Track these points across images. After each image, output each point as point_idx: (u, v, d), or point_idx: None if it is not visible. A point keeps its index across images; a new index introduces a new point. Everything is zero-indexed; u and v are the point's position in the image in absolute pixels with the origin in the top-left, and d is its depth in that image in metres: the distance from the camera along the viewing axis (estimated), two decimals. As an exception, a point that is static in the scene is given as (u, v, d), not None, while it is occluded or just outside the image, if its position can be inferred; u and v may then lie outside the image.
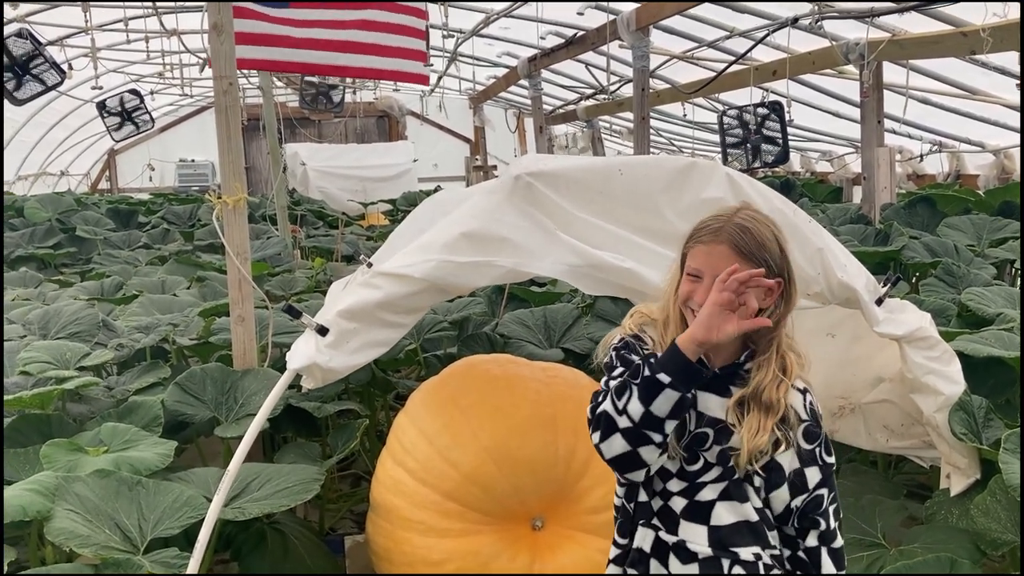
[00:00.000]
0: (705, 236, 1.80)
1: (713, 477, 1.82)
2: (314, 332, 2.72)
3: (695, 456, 1.83)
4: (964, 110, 8.05)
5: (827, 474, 1.83)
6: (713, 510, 1.82)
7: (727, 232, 1.78)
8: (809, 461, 1.81)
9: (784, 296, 1.81)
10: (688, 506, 1.83)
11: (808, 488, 1.81)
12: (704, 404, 1.82)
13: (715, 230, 1.79)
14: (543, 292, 5.27)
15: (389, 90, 15.85)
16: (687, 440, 1.83)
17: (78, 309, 4.75)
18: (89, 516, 2.65)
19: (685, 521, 1.83)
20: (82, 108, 13.03)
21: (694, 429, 1.83)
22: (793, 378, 1.80)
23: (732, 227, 1.79)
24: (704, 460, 1.82)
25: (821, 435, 1.83)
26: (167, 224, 9.57)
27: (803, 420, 1.81)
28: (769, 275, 1.75)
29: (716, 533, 1.81)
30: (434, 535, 2.86)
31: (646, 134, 7.31)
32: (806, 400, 1.83)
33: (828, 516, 1.83)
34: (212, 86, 3.75)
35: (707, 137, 12.00)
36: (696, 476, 1.83)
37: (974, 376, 3.15)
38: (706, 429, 1.82)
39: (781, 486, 1.80)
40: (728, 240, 1.77)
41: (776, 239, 1.81)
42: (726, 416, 1.80)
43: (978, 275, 4.84)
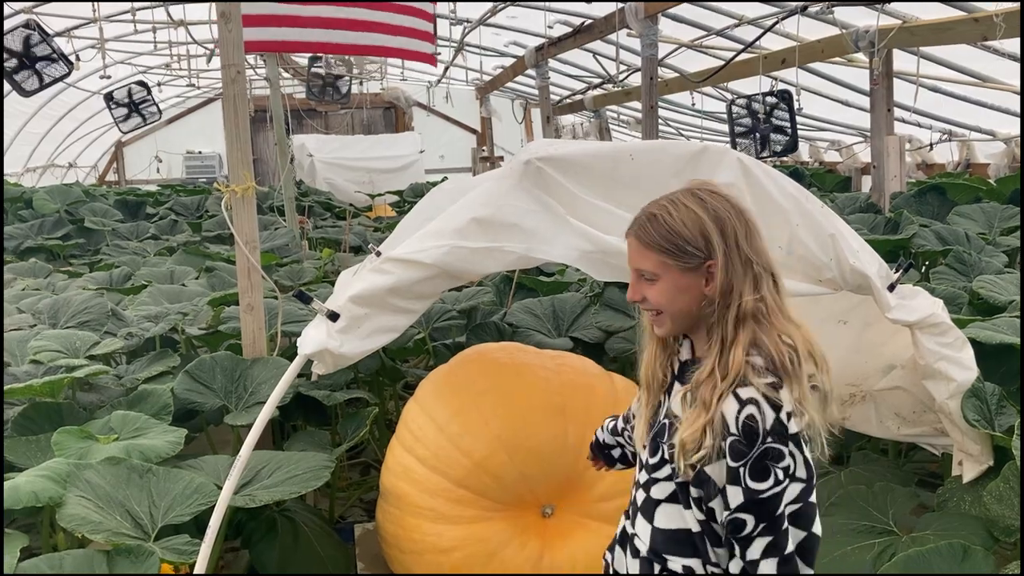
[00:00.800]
0: (627, 230, 1.76)
1: (665, 475, 1.72)
2: (325, 318, 2.71)
3: (656, 447, 1.74)
4: (975, 98, 7.99)
5: (752, 500, 1.57)
6: (658, 510, 1.74)
7: (636, 224, 1.73)
8: (732, 480, 1.58)
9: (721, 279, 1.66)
10: (644, 501, 1.77)
11: (729, 507, 1.60)
12: (674, 395, 1.75)
13: (631, 223, 1.74)
14: (551, 281, 5.26)
15: (396, 81, 15.82)
16: (655, 429, 1.76)
17: (87, 299, 4.76)
18: (100, 503, 2.66)
19: (640, 516, 1.78)
20: (90, 100, 13.05)
21: (661, 419, 1.76)
22: (731, 376, 1.61)
23: (641, 217, 1.72)
24: (662, 454, 1.73)
25: (750, 455, 1.57)
26: (175, 215, 9.58)
27: (730, 433, 1.58)
28: (686, 261, 1.66)
29: (656, 536, 1.74)
30: (444, 522, 2.86)
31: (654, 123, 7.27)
32: (742, 412, 1.58)
33: (750, 547, 1.59)
34: (219, 77, 3.74)
35: (716, 126, 11.95)
36: (653, 470, 1.74)
37: (986, 363, 3.13)
38: (668, 420, 1.73)
39: (715, 498, 1.63)
40: (634, 233, 1.73)
41: (698, 220, 1.67)
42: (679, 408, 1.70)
43: (989, 263, 4.81)
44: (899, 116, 7.47)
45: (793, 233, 2.60)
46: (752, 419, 1.57)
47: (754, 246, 1.70)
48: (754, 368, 1.61)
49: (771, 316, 1.67)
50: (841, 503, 2.92)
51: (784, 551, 1.59)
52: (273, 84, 7.70)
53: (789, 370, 1.62)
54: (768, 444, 1.57)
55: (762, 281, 1.68)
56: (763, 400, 1.59)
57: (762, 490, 1.57)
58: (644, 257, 1.71)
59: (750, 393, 1.59)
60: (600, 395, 3.05)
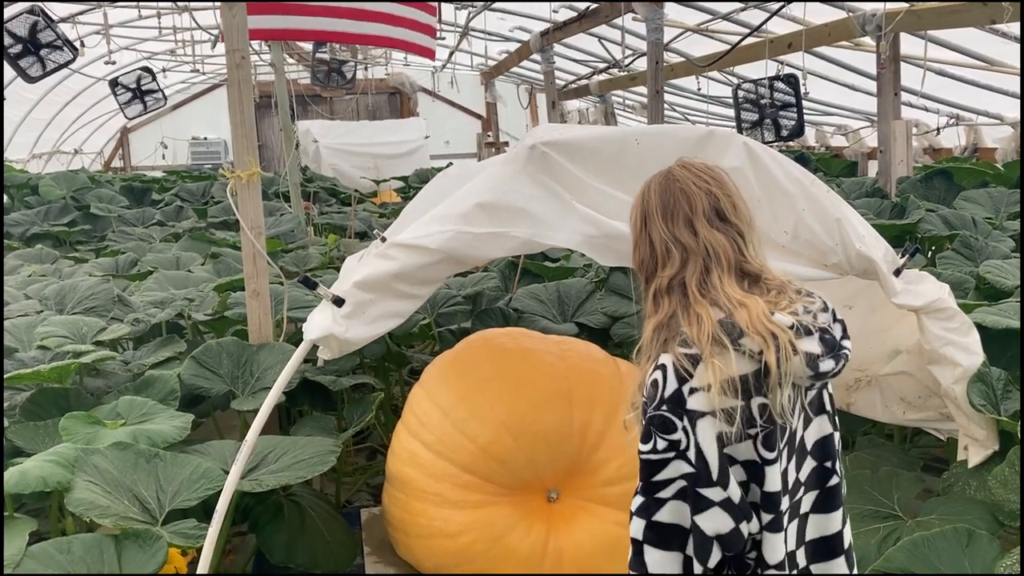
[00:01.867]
0: None
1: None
2: (330, 303, 2.72)
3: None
4: (982, 82, 7.95)
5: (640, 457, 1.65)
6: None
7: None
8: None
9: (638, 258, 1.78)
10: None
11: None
12: None
13: None
14: (557, 267, 5.26)
15: (400, 67, 15.78)
16: None
17: (93, 284, 4.77)
18: (108, 487, 2.68)
19: None
20: (95, 86, 13.03)
21: None
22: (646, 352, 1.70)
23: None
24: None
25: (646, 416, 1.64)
26: (180, 201, 9.57)
27: (641, 394, 1.68)
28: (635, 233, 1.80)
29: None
30: (450, 506, 2.87)
31: (660, 108, 7.25)
32: (650, 376, 1.66)
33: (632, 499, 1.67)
34: (224, 63, 3.73)
35: (722, 111, 11.90)
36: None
37: (992, 348, 3.12)
38: None
39: None
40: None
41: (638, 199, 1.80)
42: None
43: (996, 248, 4.79)
44: (906, 100, 7.42)
45: (799, 218, 2.59)
46: (655, 384, 1.64)
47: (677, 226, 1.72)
48: (682, 340, 1.65)
49: (690, 294, 1.68)
50: (846, 487, 2.92)
51: (652, 517, 1.63)
52: (278, 70, 7.68)
53: (700, 348, 1.62)
54: (662, 412, 1.61)
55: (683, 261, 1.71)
56: (672, 368, 1.63)
57: (643, 451, 1.63)
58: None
59: (664, 359, 1.65)
60: (605, 380, 3.05)
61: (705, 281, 1.69)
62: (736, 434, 1.61)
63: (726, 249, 1.71)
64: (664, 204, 1.74)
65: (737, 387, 1.61)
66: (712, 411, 1.60)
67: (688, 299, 1.68)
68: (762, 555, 1.68)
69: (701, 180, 1.75)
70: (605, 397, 2.98)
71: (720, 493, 1.61)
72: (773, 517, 1.67)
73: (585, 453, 2.92)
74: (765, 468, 1.66)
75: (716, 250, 1.71)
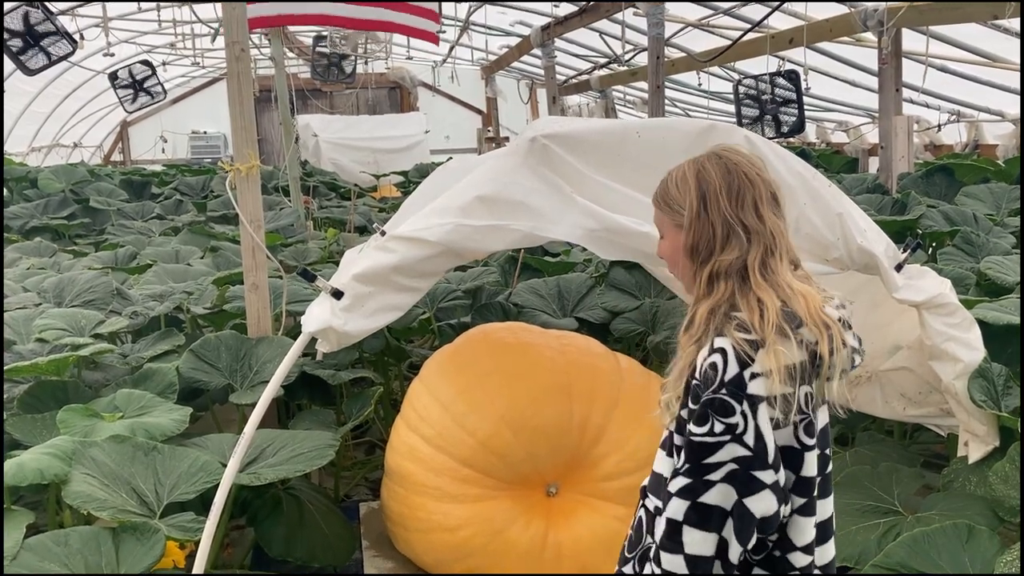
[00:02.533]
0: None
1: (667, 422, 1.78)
2: (329, 296, 2.71)
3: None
4: (984, 78, 7.93)
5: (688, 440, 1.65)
6: (656, 456, 1.82)
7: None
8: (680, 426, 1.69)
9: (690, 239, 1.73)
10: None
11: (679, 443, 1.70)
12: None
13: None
14: (557, 262, 5.25)
15: (401, 61, 15.76)
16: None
17: (92, 277, 4.76)
18: (106, 480, 2.67)
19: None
20: (94, 79, 13.01)
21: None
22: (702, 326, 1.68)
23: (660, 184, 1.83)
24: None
25: (702, 399, 1.62)
26: (180, 195, 9.56)
27: (694, 377, 1.65)
28: (678, 218, 1.75)
29: (651, 478, 1.82)
30: (449, 501, 2.87)
31: (661, 103, 7.25)
32: (707, 359, 1.63)
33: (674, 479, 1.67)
34: (224, 56, 3.72)
35: (722, 107, 11.89)
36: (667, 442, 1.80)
37: (993, 344, 3.12)
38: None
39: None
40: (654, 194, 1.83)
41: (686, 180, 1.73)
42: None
43: (997, 244, 4.78)
44: (907, 97, 7.41)
45: (800, 212, 2.58)
46: (713, 367, 1.62)
47: (744, 209, 1.70)
48: (738, 324, 1.64)
49: (751, 279, 1.68)
50: (846, 483, 2.92)
51: (697, 497, 1.62)
52: (278, 64, 7.66)
53: (759, 333, 1.62)
54: (721, 396, 1.60)
55: (747, 244, 1.69)
56: (732, 352, 1.61)
57: (697, 433, 1.62)
58: (659, 216, 1.82)
59: (722, 343, 1.63)
60: (605, 374, 3.04)
61: (766, 266, 1.69)
62: (785, 420, 1.64)
63: (784, 236, 1.73)
64: (729, 186, 1.71)
65: (794, 374, 1.62)
66: (771, 396, 1.61)
67: (749, 283, 1.68)
68: (788, 537, 1.72)
69: (755, 167, 1.75)
70: (605, 392, 2.97)
71: (772, 476, 1.63)
72: (806, 501, 1.71)
73: (585, 448, 2.91)
74: (804, 454, 1.69)
75: (777, 236, 1.71)
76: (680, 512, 1.64)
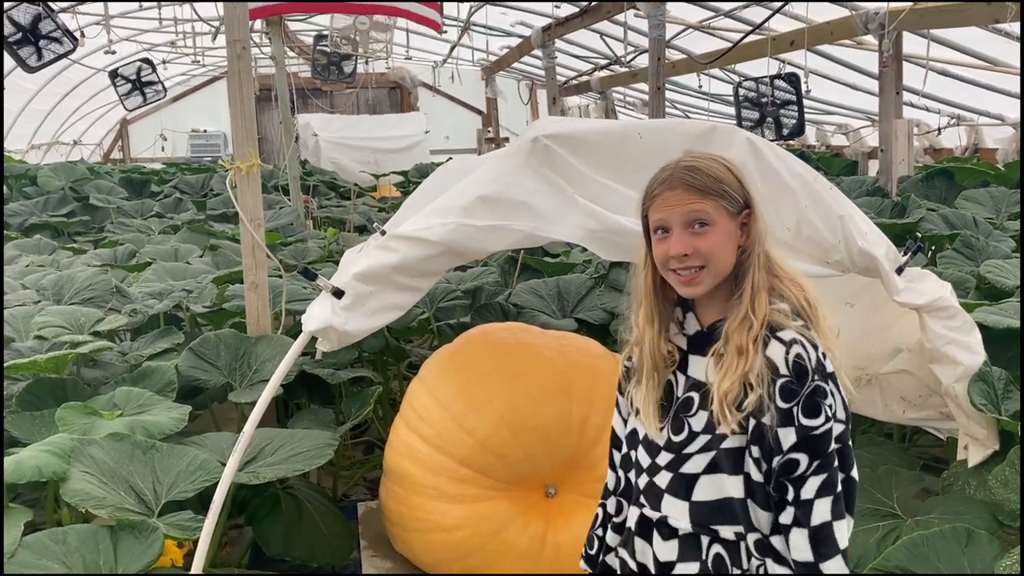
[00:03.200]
0: (657, 189, 1.73)
1: (699, 447, 1.69)
2: (330, 295, 2.70)
3: (681, 425, 1.73)
4: (984, 82, 7.94)
5: (805, 437, 1.60)
6: (697, 484, 1.70)
7: (676, 176, 1.71)
8: (784, 421, 1.60)
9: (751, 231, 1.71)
10: (673, 479, 1.73)
11: (783, 450, 1.61)
12: (693, 367, 1.75)
13: (664, 179, 1.73)
14: (556, 262, 5.25)
15: (401, 61, 15.75)
16: (675, 407, 1.75)
17: (92, 275, 4.76)
18: (104, 478, 2.67)
19: (668, 496, 1.74)
20: (95, 77, 13.01)
21: (681, 395, 1.75)
22: (760, 321, 1.64)
23: (679, 171, 1.72)
24: (689, 429, 1.72)
25: (802, 394, 1.60)
26: (180, 193, 9.56)
27: (781, 375, 1.60)
28: (733, 206, 1.70)
29: (697, 509, 1.71)
30: (447, 500, 2.86)
31: (661, 105, 7.24)
32: (790, 353, 1.61)
33: (804, 486, 1.60)
34: (224, 55, 3.72)
35: (722, 109, 11.89)
36: (682, 447, 1.72)
37: (993, 348, 3.11)
38: (691, 393, 1.73)
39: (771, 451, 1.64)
40: (680, 183, 1.70)
41: (730, 170, 1.72)
42: (707, 376, 1.70)
43: (997, 248, 4.79)
44: (907, 100, 7.41)
45: (802, 214, 2.58)
46: (800, 358, 1.61)
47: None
48: (783, 314, 1.66)
49: (778, 265, 1.73)
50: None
51: (836, 489, 1.62)
52: (278, 62, 7.66)
53: (809, 312, 1.67)
54: (816, 382, 1.61)
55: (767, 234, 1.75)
56: (805, 340, 1.63)
57: (815, 427, 1.61)
58: (698, 205, 1.68)
59: (791, 335, 1.63)
60: (604, 375, 3.04)
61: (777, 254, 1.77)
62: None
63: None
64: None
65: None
66: (837, 370, 1.67)
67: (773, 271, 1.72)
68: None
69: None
70: (604, 392, 2.95)
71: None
72: None
73: (584, 448, 2.91)
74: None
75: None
76: (828, 512, 1.61)
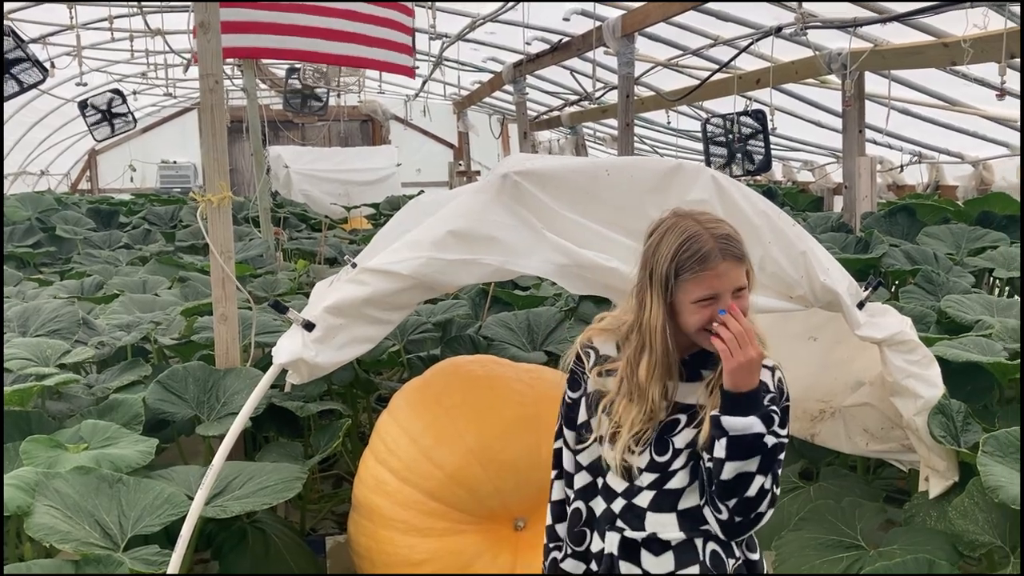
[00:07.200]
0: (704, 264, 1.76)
1: (682, 463, 1.84)
2: (300, 328, 2.71)
3: (666, 446, 1.85)
4: (944, 121, 8.14)
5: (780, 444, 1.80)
6: (682, 496, 1.85)
7: (723, 250, 1.77)
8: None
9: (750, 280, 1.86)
10: (656, 496, 1.85)
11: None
12: (676, 392, 1.87)
13: (708, 253, 1.76)
14: (527, 295, 5.28)
15: (373, 94, 15.83)
16: (659, 429, 1.86)
17: (58, 307, 4.71)
18: (69, 512, 2.64)
19: (652, 513, 1.85)
20: (64, 107, 12.93)
21: (665, 418, 1.86)
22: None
23: (719, 242, 1.78)
24: (673, 447, 1.85)
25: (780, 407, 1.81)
26: (148, 225, 9.50)
27: (769, 391, 1.81)
28: (749, 267, 1.83)
29: (685, 516, 1.85)
30: (416, 534, 2.86)
31: (630, 140, 7.36)
32: (774, 376, 1.84)
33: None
34: (195, 87, 3.75)
35: (690, 145, 12.06)
36: (667, 466, 1.85)
37: (953, 381, 3.19)
38: (678, 415, 1.86)
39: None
40: (729, 255, 1.78)
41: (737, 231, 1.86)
42: (697, 400, 1.84)
43: (957, 283, 4.90)
44: (870, 137, 7.58)
45: (765, 251, 2.63)
46: (781, 381, 1.85)
47: None
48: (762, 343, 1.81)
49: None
50: (810, 518, 2.96)
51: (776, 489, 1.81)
52: (250, 95, 7.68)
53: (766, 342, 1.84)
54: (788, 402, 1.84)
55: None
56: (778, 366, 1.86)
57: (784, 436, 1.81)
58: (741, 273, 1.81)
59: (771, 362, 1.85)
60: (574, 408, 3.06)
61: None
62: None
63: None
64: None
65: None
66: None
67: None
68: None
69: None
70: (573, 425, 2.98)
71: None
72: None
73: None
74: None
75: None
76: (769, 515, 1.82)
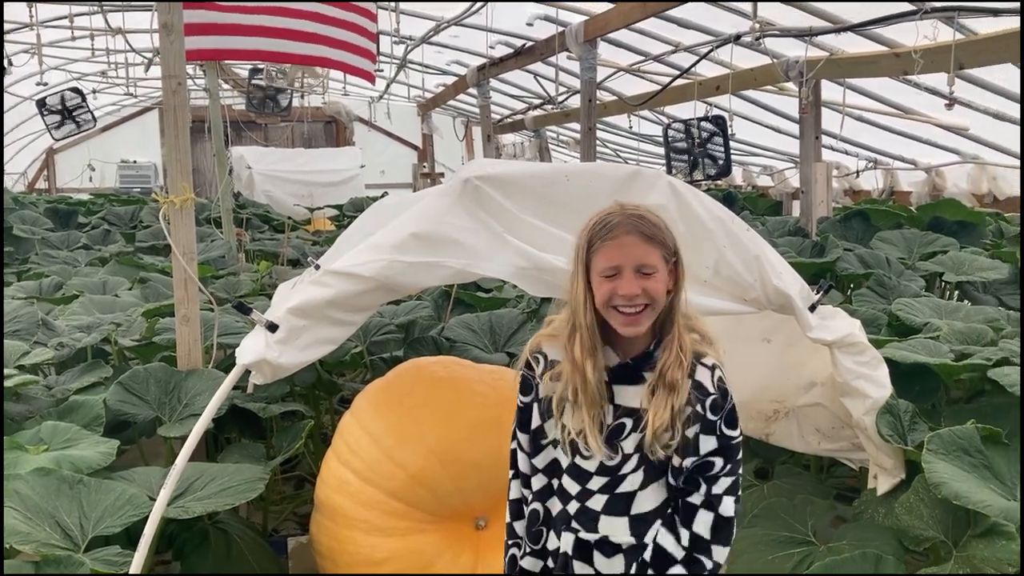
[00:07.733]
0: (608, 234, 1.85)
1: (632, 467, 1.89)
2: (264, 329, 2.73)
3: (614, 449, 1.89)
4: (898, 128, 8.32)
5: (724, 445, 1.86)
6: (634, 500, 1.90)
7: (628, 223, 1.85)
8: (707, 430, 1.85)
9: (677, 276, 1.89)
10: (609, 500, 1.90)
11: (699, 453, 1.85)
12: (621, 396, 1.90)
13: (615, 225, 1.85)
14: (489, 297, 5.32)
15: (337, 96, 15.77)
16: (605, 434, 1.89)
17: (16, 308, 4.66)
18: (29, 514, 2.63)
19: (605, 516, 1.91)
20: (20, 105, 12.72)
21: (611, 422, 1.89)
22: (689, 355, 1.85)
23: (629, 218, 1.86)
24: (622, 452, 1.89)
25: (725, 408, 1.86)
26: (108, 225, 9.39)
27: (710, 393, 1.84)
28: (668, 255, 1.86)
29: (635, 522, 1.90)
30: (378, 534, 2.89)
31: (592, 144, 7.43)
32: (714, 375, 1.87)
33: (716, 483, 1.86)
34: (156, 86, 3.75)
35: (652, 149, 12.19)
36: (617, 470, 1.89)
37: (902, 382, 3.29)
38: (623, 419, 1.89)
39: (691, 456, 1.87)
40: (634, 230, 1.84)
41: (664, 223, 1.89)
42: (640, 403, 1.87)
43: (908, 287, 5.03)
44: (827, 143, 7.73)
45: (720, 254, 2.71)
46: (722, 381, 1.88)
47: None
48: (700, 342, 1.89)
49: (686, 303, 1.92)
50: (763, 515, 3.03)
51: (738, 492, 1.90)
52: (213, 95, 7.64)
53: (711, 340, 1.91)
54: (732, 401, 1.88)
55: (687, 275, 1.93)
56: (720, 365, 1.89)
57: (734, 436, 1.87)
58: (648, 251, 1.85)
59: (712, 360, 1.89)
60: (534, 409, 3.10)
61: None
62: None
63: None
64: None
65: None
66: None
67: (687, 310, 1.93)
68: None
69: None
70: (534, 425, 3.03)
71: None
72: None
73: (513, 481, 2.96)
74: None
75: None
76: (732, 508, 1.87)
